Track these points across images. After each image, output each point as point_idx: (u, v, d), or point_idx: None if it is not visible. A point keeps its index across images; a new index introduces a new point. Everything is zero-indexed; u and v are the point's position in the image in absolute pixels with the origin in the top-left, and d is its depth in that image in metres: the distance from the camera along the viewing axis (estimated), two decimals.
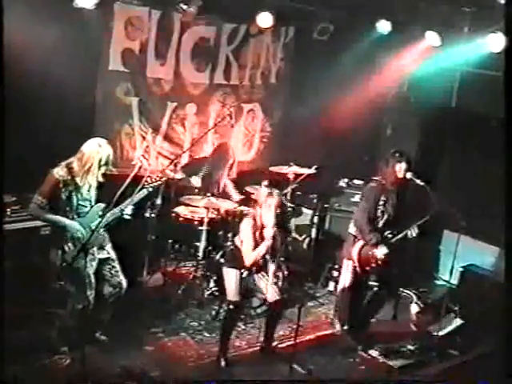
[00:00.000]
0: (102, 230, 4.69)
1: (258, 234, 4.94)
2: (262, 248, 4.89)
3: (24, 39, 4.98)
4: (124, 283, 4.89)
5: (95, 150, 4.54)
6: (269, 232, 4.86)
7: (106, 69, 6.06)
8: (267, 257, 5.00)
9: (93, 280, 4.67)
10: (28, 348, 4.70)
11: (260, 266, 5.04)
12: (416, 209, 5.41)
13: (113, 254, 4.84)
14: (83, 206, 4.64)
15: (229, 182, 6.59)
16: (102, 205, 4.69)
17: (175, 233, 6.29)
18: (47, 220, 4.61)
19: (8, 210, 5.17)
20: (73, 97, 5.64)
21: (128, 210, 4.77)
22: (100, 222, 4.54)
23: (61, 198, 4.53)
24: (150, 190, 4.87)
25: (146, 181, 4.79)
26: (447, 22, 6.49)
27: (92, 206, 4.68)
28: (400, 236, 5.27)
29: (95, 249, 4.69)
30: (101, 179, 4.65)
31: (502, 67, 4.26)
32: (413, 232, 5.29)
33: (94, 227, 4.56)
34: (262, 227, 4.94)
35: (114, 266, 4.84)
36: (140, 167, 4.63)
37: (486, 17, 6.07)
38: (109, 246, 4.84)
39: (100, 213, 4.65)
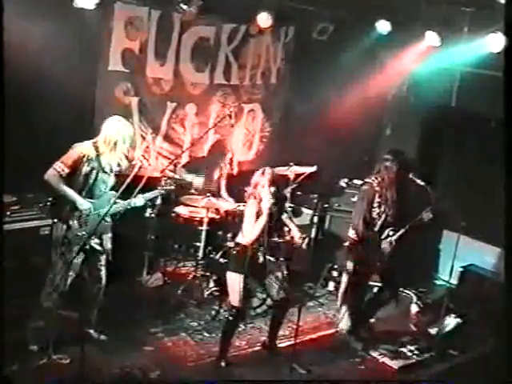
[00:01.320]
0: (109, 218, 4.74)
1: (258, 211, 4.86)
2: (261, 221, 4.80)
3: (24, 39, 4.97)
4: (103, 278, 4.89)
5: (116, 126, 4.65)
6: (265, 205, 4.81)
7: (106, 69, 6.05)
8: (270, 258, 4.98)
9: (79, 263, 4.67)
10: (27, 347, 4.72)
11: (262, 270, 5.00)
12: (416, 208, 5.40)
13: (108, 245, 4.84)
14: (99, 188, 4.68)
15: (223, 188, 6.60)
16: (115, 193, 4.70)
17: (175, 233, 6.30)
18: (61, 191, 4.55)
19: (8, 210, 5.17)
20: (73, 97, 5.63)
21: (140, 201, 4.84)
22: (109, 210, 4.55)
23: (79, 175, 4.56)
24: (163, 192, 5.05)
25: (162, 182, 5.03)
26: (447, 22, 6.49)
27: (106, 192, 4.71)
28: (404, 229, 5.22)
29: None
30: (123, 159, 4.74)
31: (501, 67, 4.26)
32: (427, 216, 5.24)
33: (102, 213, 4.55)
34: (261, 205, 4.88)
35: (100, 260, 4.84)
36: (140, 167, 4.64)
37: (485, 17, 6.06)
38: (108, 236, 4.85)
39: (111, 200, 4.65)
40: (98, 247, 4.80)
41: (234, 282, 4.91)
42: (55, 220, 4.71)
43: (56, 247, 4.68)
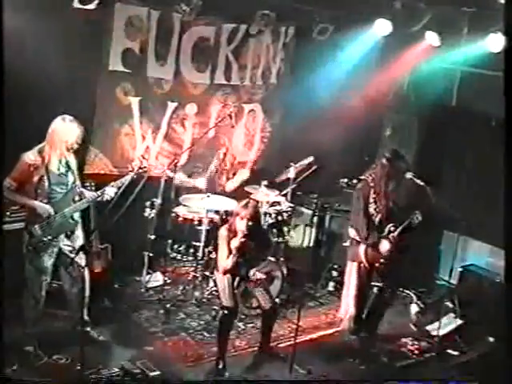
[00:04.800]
0: (75, 216, 4.71)
1: (232, 242, 4.87)
2: (229, 261, 4.83)
3: (24, 39, 4.98)
4: (86, 277, 4.83)
5: (59, 125, 4.56)
6: (235, 243, 4.82)
7: (106, 69, 6.05)
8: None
9: (50, 267, 4.67)
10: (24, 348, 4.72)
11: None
12: (416, 208, 5.39)
13: (79, 242, 4.78)
14: (57, 190, 4.62)
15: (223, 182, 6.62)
16: (78, 190, 4.70)
17: (175, 233, 6.30)
18: (16, 202, 4.65)
19: (8, 210, 5.16)
20: (73, 97, 5.63)
21: (110, 192, 4.72)
22: (71, 208, 4.59)
23: (32, 182, 4.54)
24: (134, 176, 4.85)
25: (133, 167, 4.87)
26: (447, 22, 6.48)
27: (68, 192, 4.66)
28: (404, 225, 5.19)
29: (62, 236, 4.69)
30: (73, 160, 4.66)
31: (501, 67, 4.26)
32: (416, 218, 5.23)
33: (67, 213, 4.58)
34: (236, 236, 4.88)
35: (76, 258, 4.74)
36: (140, 167, 4.63)
37: (485, 17, 6.06)
38: (79, 235, 4.81)
39: (76, 198, 4.65)
40: (69, 248, 4.73)
41: (221, 281, 4.96)
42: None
43: (25, 254, 4.66)
